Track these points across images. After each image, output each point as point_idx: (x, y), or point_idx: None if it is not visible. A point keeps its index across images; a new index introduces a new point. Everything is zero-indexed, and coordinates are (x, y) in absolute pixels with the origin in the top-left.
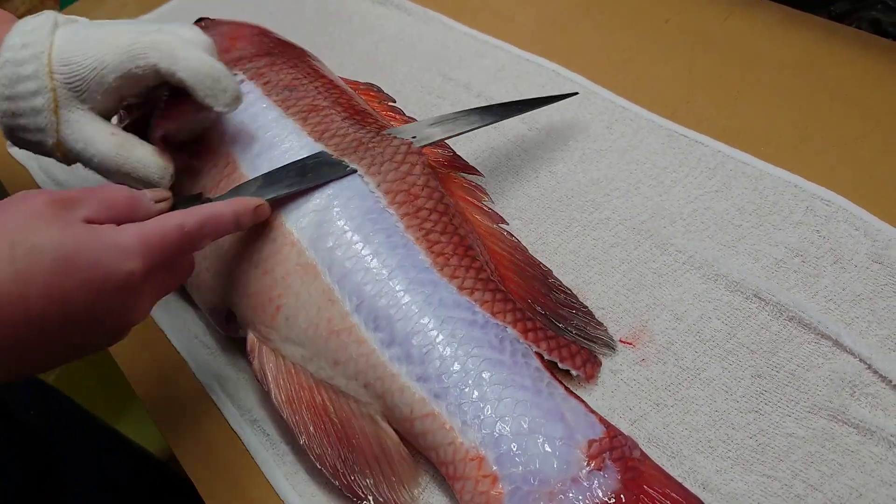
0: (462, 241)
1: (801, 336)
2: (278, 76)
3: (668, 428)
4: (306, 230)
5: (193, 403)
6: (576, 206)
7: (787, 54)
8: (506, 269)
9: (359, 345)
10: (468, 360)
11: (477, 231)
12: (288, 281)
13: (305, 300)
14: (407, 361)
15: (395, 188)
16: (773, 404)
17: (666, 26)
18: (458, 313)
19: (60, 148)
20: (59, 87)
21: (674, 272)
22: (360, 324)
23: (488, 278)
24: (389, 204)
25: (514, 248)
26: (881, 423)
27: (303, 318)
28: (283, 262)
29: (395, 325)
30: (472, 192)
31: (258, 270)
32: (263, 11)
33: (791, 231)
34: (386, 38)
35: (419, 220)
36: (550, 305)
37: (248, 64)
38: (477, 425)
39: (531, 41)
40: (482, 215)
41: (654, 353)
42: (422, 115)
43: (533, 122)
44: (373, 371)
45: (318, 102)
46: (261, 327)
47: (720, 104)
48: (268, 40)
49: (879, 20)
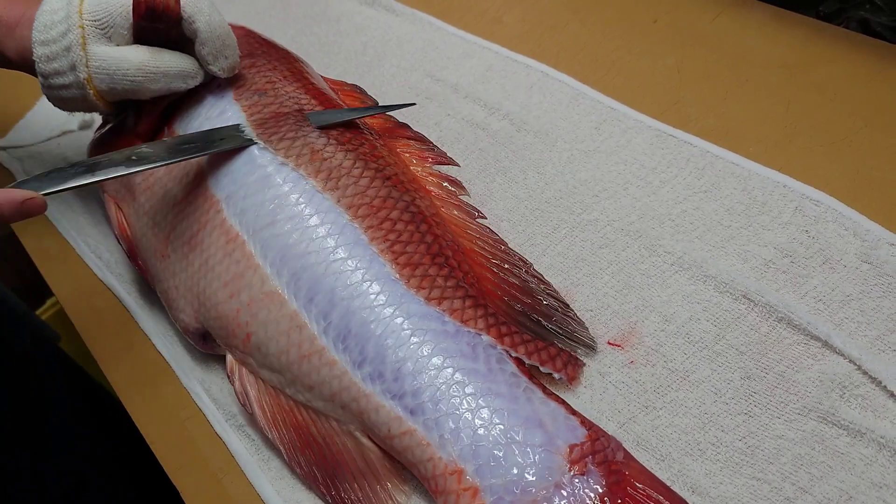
0: (429, 248)
1: (790, 337)
2: (254, 79)
3: (658, 431)
4: (268, 253)
5: (178, 409)
6: (564, 207)
7: (776, 54)
8: (481, 268)
9: (330, 367)
10: (441, 373)
11: (451, 229)
12: (254, 309)
13: (274, 330)
14: (380, 380)
15: (357, 202)
16: (762, 406)
17: (654, 26)
18: (427, 324)
19: (91, 84)
20: (87, 24)
21: (662, 273)
22: (329, 346)
23: (458, 284)
24: (353, 218)
25: (489, 244)
26: (871, 425)
27: (273, 346)
28: (247, 287)
29: (364, 344)
30: (446, 187)
31: (226, 291)
32: (251, 12)
33: (780, 231)
34: (373, 38)
35: (383, 231)
36: (528, 303)
37: None
38: (454, 439)
39: (519, 42)
40: (457, 210)
41: (642, 356)
42: (410, 116)
43: (521, 122)
44: (347, 392)
45: (283, 109)
46: (236, 351)
47: (709, 104)
48: (252, 41)
49: (868, 20)
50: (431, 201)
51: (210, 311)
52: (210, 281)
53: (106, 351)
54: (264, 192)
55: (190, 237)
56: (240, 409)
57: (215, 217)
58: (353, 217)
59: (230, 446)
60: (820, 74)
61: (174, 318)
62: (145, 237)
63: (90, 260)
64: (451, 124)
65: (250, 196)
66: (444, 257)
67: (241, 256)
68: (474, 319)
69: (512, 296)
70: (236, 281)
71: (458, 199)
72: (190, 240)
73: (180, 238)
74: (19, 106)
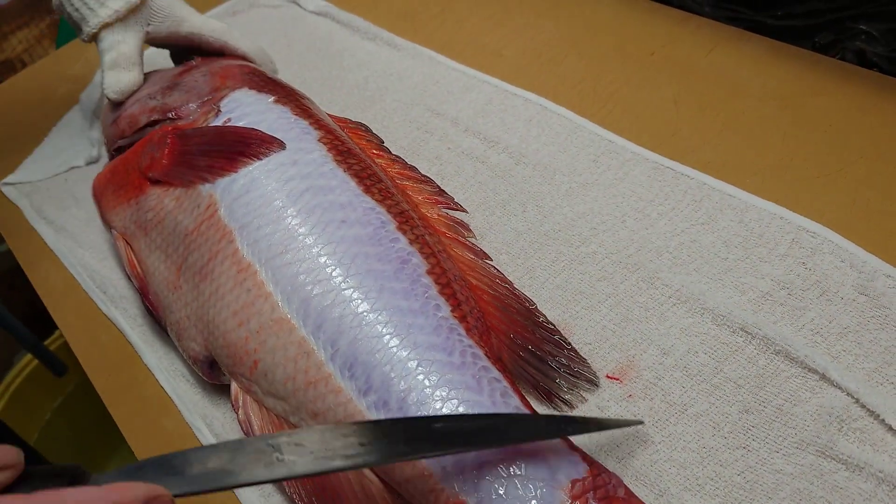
0: (437, 279)
1: (788, 370)
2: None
3: (656, 465)
4: (279, 280)
5: (179, 444)
6: (563, 239)
7: (772, 86)
8: (487, 305)
9: (336, 394)
10: (446, 405)
11: (458, 266)
12: (262, 336)
13: (281, 357)
14: (384, 409)
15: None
16: (760, 440)
17: (651, 59)
18: (433, 355)
19: (107, 27)
20: (149, 2)
21: (660, 306)
22: (335, 372)
23: (464, 317)
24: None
25: (496, 282)
26: (869, 459)
27: (280, 372)
28: (257, 315)
29: (370, 372)
30: (456, 228)
31: (235, 320)
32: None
33: (777, 263)
34: (374, 73)
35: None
36: (534, 341)
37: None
38: (457, 471)
39: (518, 75)
40: (464, 249)
41: (641, 389)
42: (410, 150)
43: (520, 155)
44: (351, 420)
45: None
46: (242, 379)
47: (705, 136)
48: (257, 79)
49: (864, 51)
50: (440, 238)
51: (219, 339)
52: (220, 310)
53: (109, 385)
54: (278, 223)
55: (201, 267)
56: None
57: (227, 247)
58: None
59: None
60: (815, 106)
61: (183, 347)
62: (157, 271)
63: (95, 294)
64: (450, 157)
65: (264, 227)
66: (452, 290)
67: (253, 286)
68: (480, 353)
69: (516, 332)
70: (246, 309)
71: (466, 240)
72: (201, 269)
73: (192, 269)
74: (27, 143)
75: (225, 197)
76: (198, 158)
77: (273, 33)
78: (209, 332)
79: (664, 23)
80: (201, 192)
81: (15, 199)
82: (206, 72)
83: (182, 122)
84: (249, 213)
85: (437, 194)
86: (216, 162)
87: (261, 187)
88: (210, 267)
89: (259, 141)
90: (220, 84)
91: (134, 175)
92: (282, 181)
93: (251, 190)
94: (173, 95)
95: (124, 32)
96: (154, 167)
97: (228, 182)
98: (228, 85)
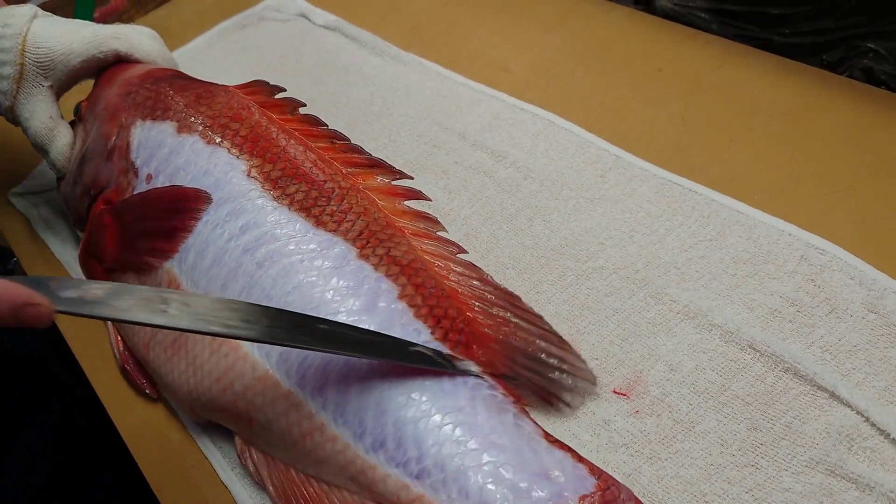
0: (411, 301)
1: (797, 388)
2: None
3: (663, 482)
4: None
5: (183, 456)
6: (570, 255)
7: (780, 102)
8: (470, 310)
9: (333, 442)
10: (441, 431)
11: (433, 272)
12: (249, 396)
13: (272, 412)
14: (382, 449)
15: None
16: (769, 458)
17: (659, 75)
18: (422, 384)
19: (11, 111)
20: (28, 63)
21: (668, 322)
22: (328, 421)
23: (445, 336)
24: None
25: (474, 281)
26: (880, 479)
27: (275, 427)
28: (239, 378)
29: (363, 415)
30: (423, 222)
31: (219, 386)
32: (263, 63)
33: (786, 280)
34: (381, 88)
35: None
36: (522, 339)
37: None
38: (462, 498)
39: (526, 90)
40: (435, 247)
41: (648, 405)
42: (417, 164)
43: (527, 170)
44: (353, 466)
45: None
46: (244, 432)
47: (713, 152)
48: (141, 98)
49: (871, 69)
50: (409, 246)
51: (207, 405)
52: (201, 379)
53: (114, 397)
54: (238, 281)
55: (173, 341)
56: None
57: None
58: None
59: (235, 496)
60: (824, 123)
61: (182, 411)
62: (135, 347)
63: None
64: (458, 172)
65: (227, 287)
66: (429, 308)
67: (229, 350)
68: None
69: (504, 333)
70: (228, 374)
71: (436, 236)
72: (173, 343)
73: (161, 344)
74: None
75: (182, 270)
76: (139, 241)
77: (282, 47)
78: (193, 399)
79: (672, 39)
80: (159, 272)
81: (23, 209)
82: (94, 117)
83: (108, 191)
84: (210, 279)
85: (393, 180)
86: (157, 244)
87: (213, 252)
88: (182, 340)
89: (186, 206)
90: (110, 129)
91: (94, 262)
92: (231, 239)
93: (204, 256)
94: (85, 170)
95: (30, 104)
96: (104, 257)
97: (181, 256)
98: (121, 123)
